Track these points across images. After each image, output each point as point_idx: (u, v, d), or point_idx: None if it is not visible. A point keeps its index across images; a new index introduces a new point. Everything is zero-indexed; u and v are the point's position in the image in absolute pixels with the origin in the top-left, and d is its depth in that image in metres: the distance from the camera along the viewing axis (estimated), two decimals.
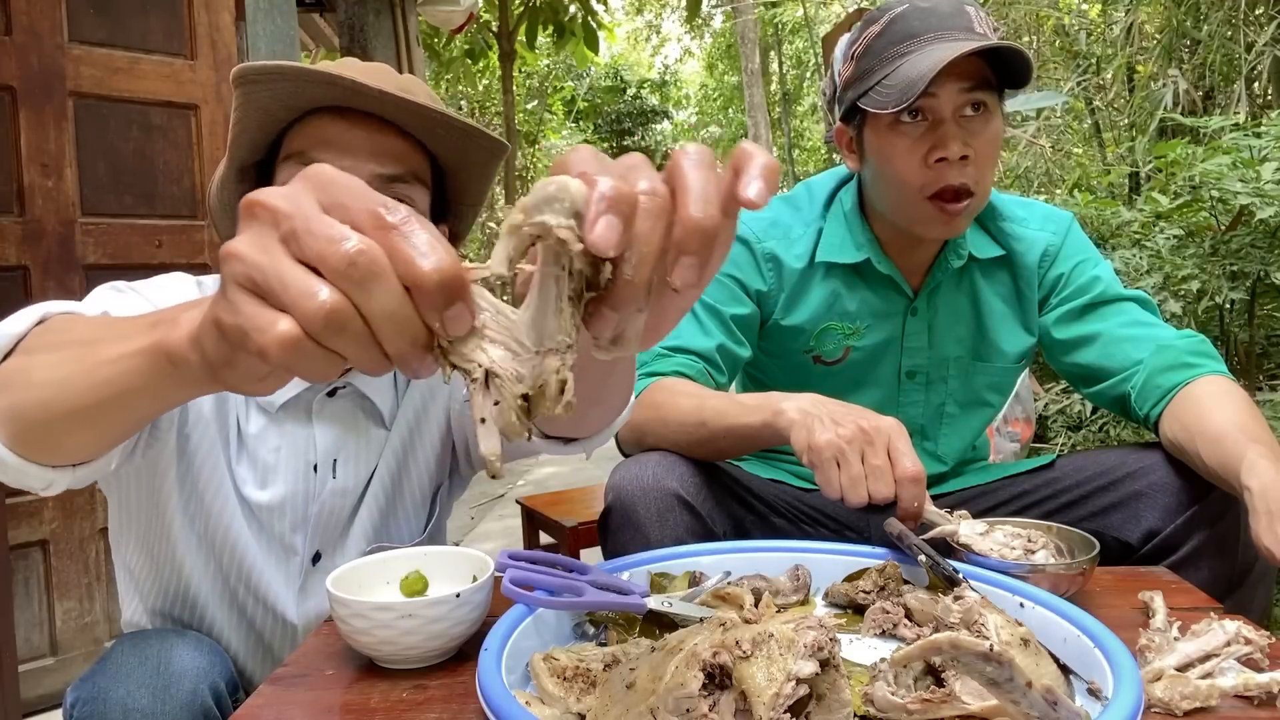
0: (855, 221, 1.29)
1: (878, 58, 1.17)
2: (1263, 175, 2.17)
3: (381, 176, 0.90)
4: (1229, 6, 3.49)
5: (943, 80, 1.11)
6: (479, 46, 8.23)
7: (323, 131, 0.89)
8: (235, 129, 0.91)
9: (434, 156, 0.98)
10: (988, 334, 1.31)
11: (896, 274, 1.27)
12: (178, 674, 0.78)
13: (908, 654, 0.57)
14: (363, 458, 1.01)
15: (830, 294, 1.28)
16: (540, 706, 0.64)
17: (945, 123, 1.14)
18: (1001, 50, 1.11)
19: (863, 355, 1.30)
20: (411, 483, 1.07)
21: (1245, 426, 0.98)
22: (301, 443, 0.98)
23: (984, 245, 1.29)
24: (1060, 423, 3.12)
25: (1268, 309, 2.56)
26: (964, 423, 1.35)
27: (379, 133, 0.90)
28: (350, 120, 0.89)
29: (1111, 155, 4.29)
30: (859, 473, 0.92)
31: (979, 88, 1.14)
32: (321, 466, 0.99)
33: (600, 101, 18.03)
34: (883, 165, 1.19)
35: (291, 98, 0.89)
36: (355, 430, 1.01)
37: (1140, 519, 1.08)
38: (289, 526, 1.00)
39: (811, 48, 14.75)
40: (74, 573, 2.18)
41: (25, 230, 2.07)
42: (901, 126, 1.16)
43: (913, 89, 1.09)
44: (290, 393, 0.95)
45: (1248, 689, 0.65)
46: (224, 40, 2.36)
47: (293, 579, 1.01)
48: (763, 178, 0.43)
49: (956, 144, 1.12)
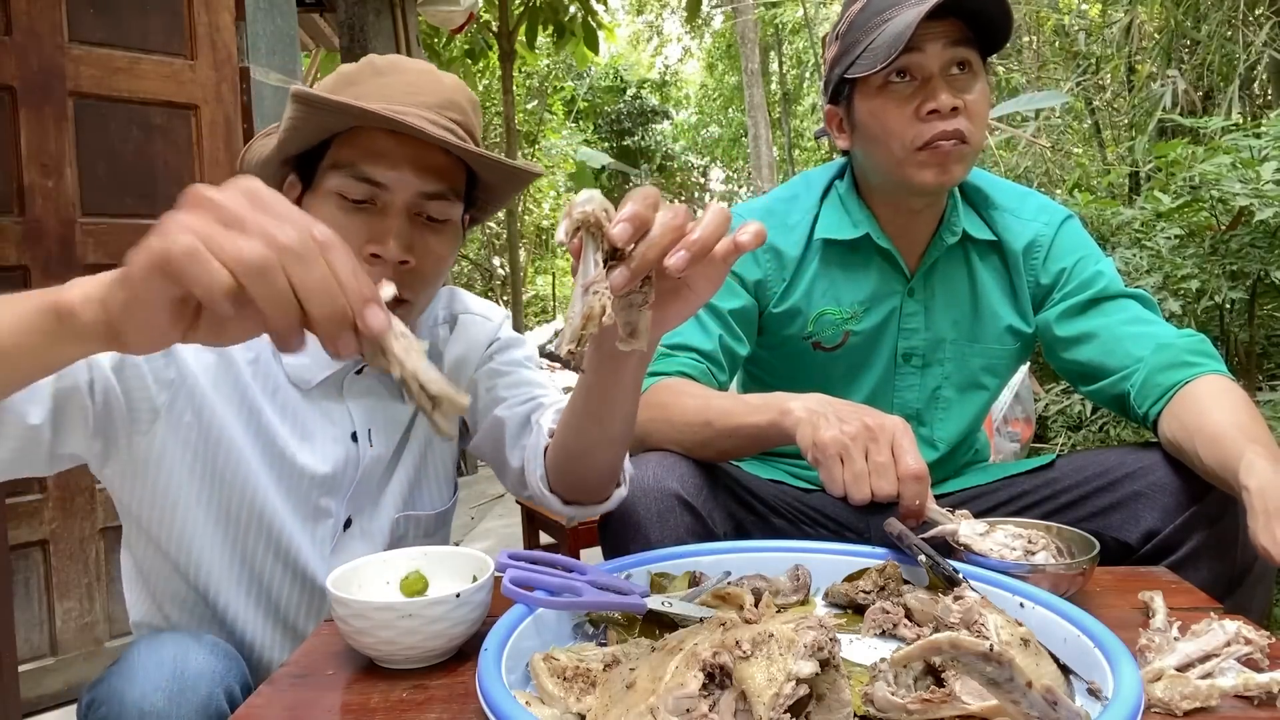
0: (852, 201, 1.30)
1: (861, 29, 1.20)
2: (1262, 175, 2.17)
3: (424, 194, 0.94)
4: (1228, 7, 3.49)
5: (927, 37, 1.14)
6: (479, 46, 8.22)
7: (373, 144, 0.93)
8: (290, 132, 0.94)
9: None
10: (982, 315, 1.31)
11: (894, 250, 1.28)
12: (193, 677, 0.78)
13: (908, 654, 0.57)
14: (389, 428, 1.07)
15: (827, 276, 1.29)
16: (540, 706, 0.64)
17: (934, 78, 1.17)
18: (982, 10, 1.14)
19: (861, 339, 1.30)
20: (436, 456, 1.13)
21: (1244, 426, 0.98)
22: (338, 416, 1.03)
23: (977, 227, 1.30)
24: (1060, 423, 3.12)
25: (1268, 309, 2.56)
26: (959, 407, 1.35)
27: (426, 150, 0.94)
28: (400, 138, 0.93)
29: (1111, 155, 4.29)
30: (862, 469, 0.92)
31: (963, 44, 1.17)
32: (360, 436, 1.04)
33: (600, 101, 18.02)
34: (875, 129, 1.21)
35: (357, 119, 0.93)
36: (381, 403, 1.07)
37: (1140, 519, 1.08)
38: (327, 491, 1.03)
39: (811, 48, 14.76)
40: (74, 573, 2.18)
41: (25, 230, 2.07)
42: (891, 87, 1.18)
43: (899, 41, 1.12)
44: (324, 373, 1.01)
45: (1248, 689, 0.65)
46: (224, 40, 2.36)
47: (323, 543, 1.04)
48: (753, 232, 0.67)
49: (946, 95, 1.15)
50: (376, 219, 0.93)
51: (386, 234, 0.92)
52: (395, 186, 0.93)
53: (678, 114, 21.18)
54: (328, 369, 1.01)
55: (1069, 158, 4.63)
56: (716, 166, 22.33)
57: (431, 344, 1.11)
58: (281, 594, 1.03)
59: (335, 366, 1.02)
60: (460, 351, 1.13)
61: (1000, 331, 1.32)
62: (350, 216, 0.93)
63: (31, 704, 2.07)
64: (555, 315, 12.38)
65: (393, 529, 1.09)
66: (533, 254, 13.92)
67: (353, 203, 0.93)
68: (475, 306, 1.18)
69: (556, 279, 14.09)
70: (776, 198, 1.36)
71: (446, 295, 1.17)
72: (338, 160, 0.94)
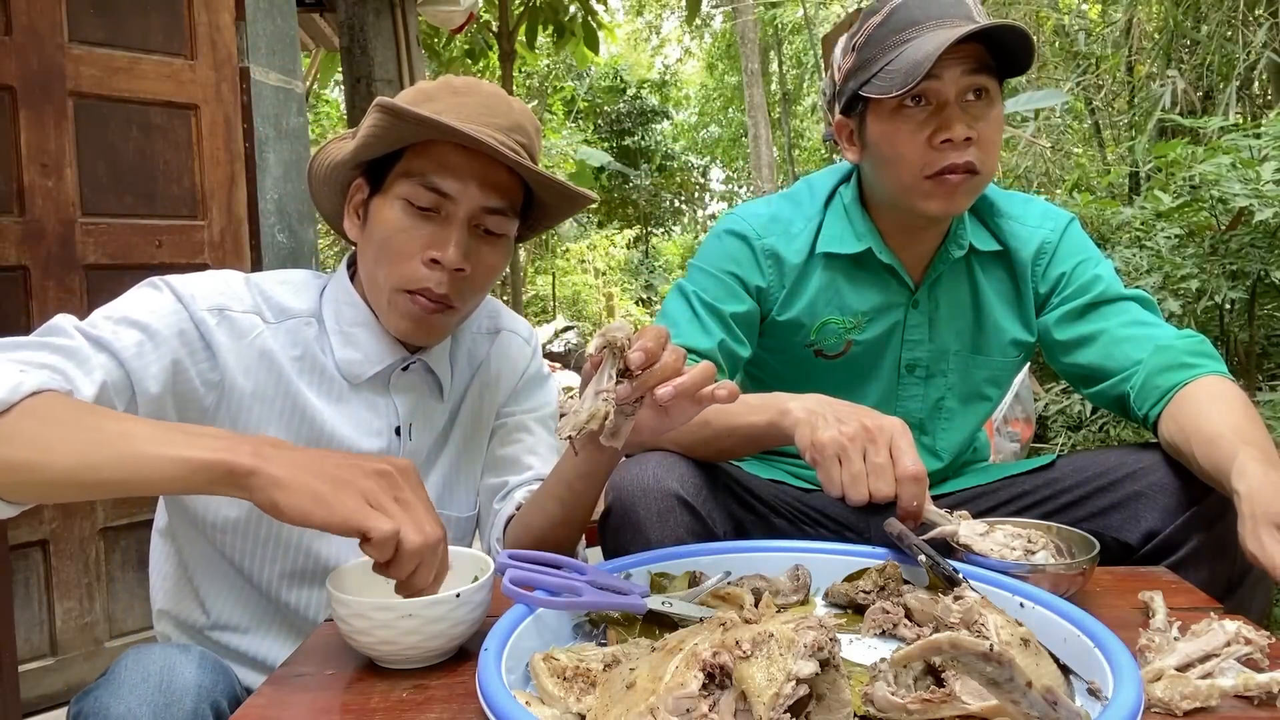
0: (856, 213, 1.29)
1: (879, 46, 1.17)
2: (1262, 175, 2.17)
3: (486, 208, 1.01)
4: (1228, 7, 3.49)
5: (946, 63, 1.12)
6: (479, 46, 8.23)
7: (445, 158, 0.99)
8: (370, 139, 0.99)
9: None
10: (986, 327, 1.31)
11: (898, 264, 1.27)
12: (180, 691, 0.79)
13: (908, 654, 0.57)
14: (429, 424, 1.13)
15: (830, 287, 1.28)
16: (540, 706, 0.64)
17: (949, 105, 1.15)
18: (1002, 36, 1.12)
19: (864, 349, 1.30)
20: (469, 462, 1.18)
21: (1239, 428, 0.98)
22: (384, 410, 1.08)
23: (983, 238, 1.29)
24: (1060, 423, 3.12)
25: (1268, 309, 2.56)
26: (962, 418, 1.35)
27: (492, 168, 1.00)
28: (469, 154, 0.99)
29: (1111, 155, 4.29)
30: (860, 470, 0.92)
31: (981, 71, 1.15)
32: (403, 430, 1.09)
33: (600, 101, 18.02)
34: (886, 151, 1.20)
35: (431, 133, 0.98)
36: (422, 399, 1.12)
37: (1140, 519, 1.08)
38: None
39: (811, 48, 14.75)
40: (74, 573, 2.18)
41: (25, 230, 2.07)
42: (905, 111, 1.17)
43: (918, 70, 1.10)
44: (374, 369, 1.06)
45: (1248, 689, 0.65)
46: (224, 40, 2.36)
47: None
48: (728, 392, 0.82)
49: (961, 125, 1.13)
50: (439, 227, 1.00)
51: (448, 242, 0.98)
52: (460, 198, 0.99)
53: (677, 114, 21.18)
54: (379, 364, 1.06)
55: (1069, 158, 4.63)
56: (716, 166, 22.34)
57: (472, 351, 1.18)
58: (318, 581, 1.07)
59: (385, 362, 1.06)
60: (499, 367, 1.20)
61: (1004, 344, 1.31)
62: (415, 222, 0.99)
63: (31, 704, 2.07)
64: (555, 315, 12.38)
65: None
66: (533, 254, 13.92)
67: (419, 210, 0.99)
68: (512, 324, 1.24)
69: (556, 279, 14.08)
70: (779, 203, 1.35)
71: (488, 306, 1.22)
72: (410, 169, 1.00)
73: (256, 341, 1.00)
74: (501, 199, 1.01)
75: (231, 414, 1.00)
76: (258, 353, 1.00)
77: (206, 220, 2.34)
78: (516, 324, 1.24)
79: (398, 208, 1.00)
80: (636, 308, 15.32)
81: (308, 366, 1.04)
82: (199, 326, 0.96)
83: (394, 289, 1.00)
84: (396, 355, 1.06)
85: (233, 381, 0.99)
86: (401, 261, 0.99)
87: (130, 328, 0.91)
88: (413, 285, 0.99)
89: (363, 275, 1.06)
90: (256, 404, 1.01)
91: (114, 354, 0.89)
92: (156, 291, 0.97)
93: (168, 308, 0.96)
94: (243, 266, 2.38)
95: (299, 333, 1.04)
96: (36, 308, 2.07)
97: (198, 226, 2.32)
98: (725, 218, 1.36)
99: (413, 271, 0.99)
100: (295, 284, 1.08)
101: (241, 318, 1.00)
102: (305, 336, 1.04)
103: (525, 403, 1.22)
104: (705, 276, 1.30)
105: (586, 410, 0.79)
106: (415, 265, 0.99)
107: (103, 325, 0.91)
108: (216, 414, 0.99)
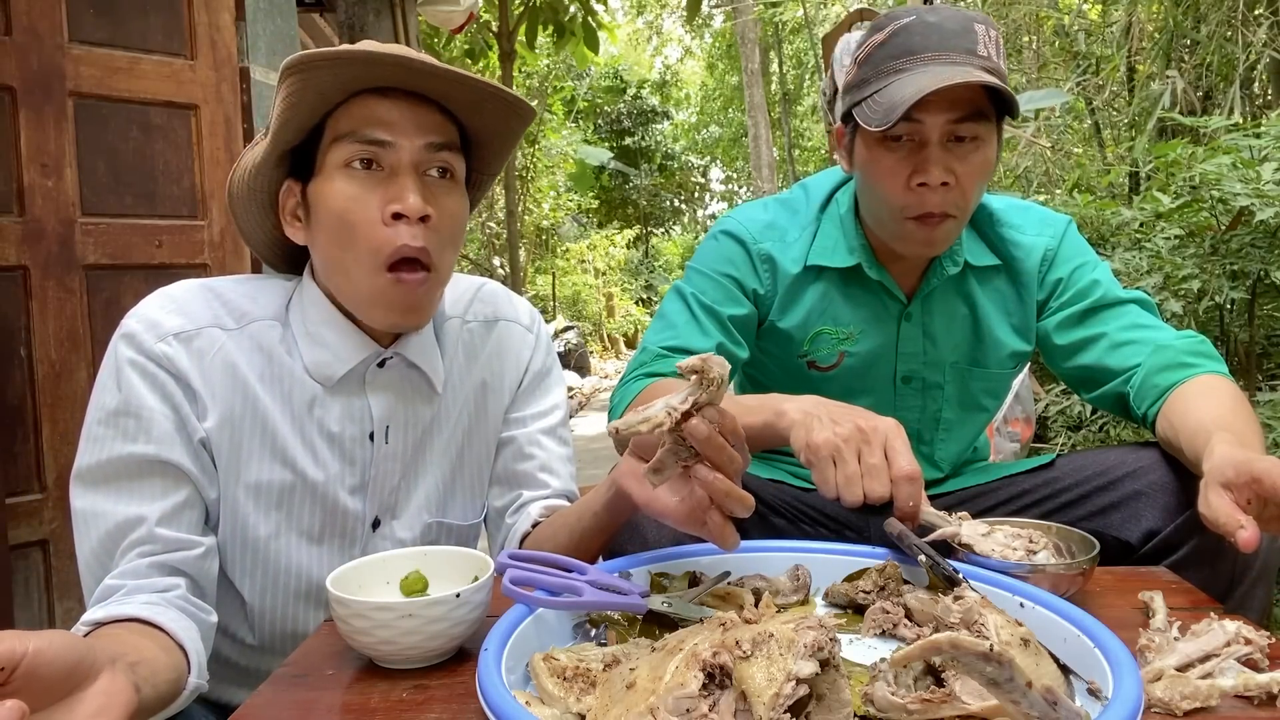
0: (850, 225, 1.29)
1: (876, 69, 1.16)
2: (1262, 175, 2.17)
3: (433, 144, 0.95)
4: (1228, 7, 3.49)
5: (930, 108, 1.10)
6: (479, 46, 8.23)
7: (371, 111, 0.94)
8: (285, 114, 0.93)
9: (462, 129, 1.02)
10: (985, 340, 1.31)
11: (888, 280, 1.27)
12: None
13: (908, 654, 0.57)
14: (409, 426, 1.06)
15: (823, 298, 1.29)
16: (540, 706, 0.64)
17: (929, 147, 1.13)
18: (987, 85, 1.09)
19: (857, 360, 1.30)
20: (472, 468, 1.12)
21: (1221, 418, 0.98)
22: (358, 413, 1.03)
23: (980, 253, 1.29)
24: (1060, 423, 3.12)
25: (1268, 309, 2.56)
26: (960, 428, 1.35)
27: (422, 109, 0.95)
28: (393, 99, 0.94)
29: (1111, 155, 4.30)
30: (854, 471, 0.91)
31: (969, 119, 1.13)
32: (377, 435, 1.04)
33: (600, 101, 18.03)
34: (870, 179, 1.20)
35: (353, 81, 0.92)
36: (404, 397, 1.06)
37: (1140, 519, 1.08)
38: (350, 491, 1.03)
39: (811, 48, 14.75)
40: (74, 573, 2.16)
41: (25, 230, 2.07)
42: (888, 144, 1.16)
43: (894, 113, 1.09)
44: (345, 367, 1.01)
45: (1248, 689, 0.65)
46: (224, 40, 2.36)
47: (349, 548, 1.04)
48: (747, 508, 0.78)
49: (938, 170, 1.12)
50: (389, 180, 0.94)
51: (404, 191, 0.93)
52: (400, 140, 0.93)
53: (678, 114, 21.18)
54: (350, 362, 1.00)
55: (1069, 158, 4.63)
56: (716, 166, 22.34)
57: (468, 343, 1.11)
58: (312, 594, 1.04)
59: (357, 358, 1.01)
60: (501, 363, 1.13)
61: (1003, 357, 1.31)
62: (364, 183, 0.93)
63: None
64: (555, 315, 12.37)
65: (424, 533, 1.08)
66: (533, 254, 13.92)
67: (364, 169, 0.94)
68: (511, 311, 1.16)
69: (556, 279, 14.09)
70: (776, 209, 1.34)
71: (483, 291, 1.16)
72: (338, 132, 0.94)
73: (219, 357, 0.95)
74: (440, 134, 0.96)
75: (220, 441, 0.97)
76: (220, 369, 0.96)
77: (206, 220, 2.34)
78: (517, 310, 1.17)
79: (339, 178, 0.93)
80: (636, 308, 15.32)
81: (273, 375, 0.99)
82: (160, 362, 0.93)
83: (371, 269, 0.93)
84: (369, 350, 1.00)
85: (205, 408, 0.95)
86: (363, 229, 0.92)
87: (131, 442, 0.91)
88: (386, 249, 0.92)
89: (324, 270, 0.99)
90: (228, 428, 0.96)
91: (151, 499, 0.91)
92: (115, 374, 0.93)
93: (136, 383, 0.92)
94: (242, 267, 2.38)
95: (262, 336, 0.99)
96: (36, 308, 2.07)
97: (198, 226, 2.33)
98: (722, 220, 1.36)
99: (379, 235, 0.92)
100: (257, 286, 1.03)
101: (199, 334, 0.95)
102: (269, 340, 0.99)
103: (533, 406, 1.15)
104: (703, 279, 1.30)
105: (647, 415, 0.76)
106: (379, 228, 0.92)
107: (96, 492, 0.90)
108: (211, 443, 0.96)
